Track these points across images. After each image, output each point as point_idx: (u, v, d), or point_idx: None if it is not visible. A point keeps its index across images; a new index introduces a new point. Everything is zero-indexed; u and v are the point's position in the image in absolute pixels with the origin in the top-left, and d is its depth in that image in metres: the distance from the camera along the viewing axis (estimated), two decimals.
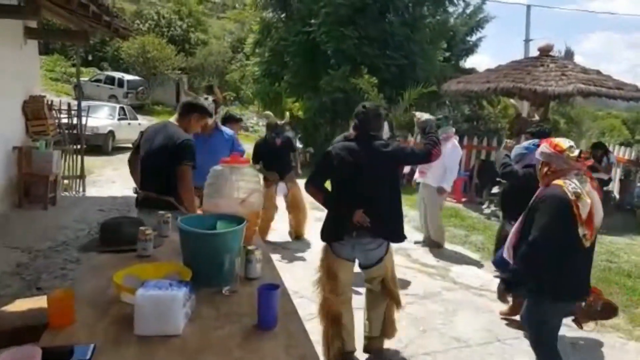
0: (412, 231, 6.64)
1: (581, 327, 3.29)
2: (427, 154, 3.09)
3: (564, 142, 2.61)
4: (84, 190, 7.85)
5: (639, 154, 9.07)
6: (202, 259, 1.96)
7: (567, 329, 3.91)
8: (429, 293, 4.66)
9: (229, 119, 5.21)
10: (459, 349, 3.58)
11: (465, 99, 13.50)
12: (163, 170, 3.07)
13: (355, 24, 12.33)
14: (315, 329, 3.69)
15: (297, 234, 6.11)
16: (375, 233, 3.05)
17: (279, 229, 6.09)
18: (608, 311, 3.36)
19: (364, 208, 2.97)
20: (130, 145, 4.74)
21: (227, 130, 4.48)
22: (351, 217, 2.97)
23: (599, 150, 8.12)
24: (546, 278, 2.54)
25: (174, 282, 1.67)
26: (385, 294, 3.29)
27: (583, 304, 3.13)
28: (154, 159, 3.13)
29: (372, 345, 3.39)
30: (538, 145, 2.86)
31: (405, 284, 4.82)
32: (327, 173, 3.20)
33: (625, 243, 6.59)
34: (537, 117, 7.76)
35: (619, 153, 9.40)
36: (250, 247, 2.12)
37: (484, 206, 8.30)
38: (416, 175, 6.14)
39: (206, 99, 4.84)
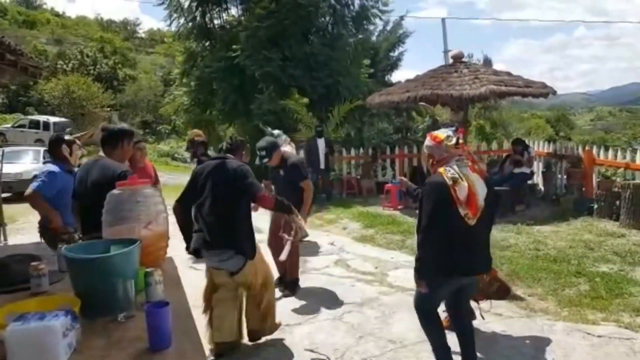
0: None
1: (477, 304, 3.54)
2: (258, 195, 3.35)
3: (441, 133, 2.83)
4: (5, 239, 7.34)
5: (556, 147, 9.60)
6: (92, 287, 1.86)
7: (495, 317, 4.03)
8: (366, 299, 4.66)
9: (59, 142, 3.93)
10: (394, 351, 3.57)
11: (393, 111, 13.88)
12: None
13: (278, 45, 12.45)
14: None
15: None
16: (212, 246, 3.26)
17: None
18: (502, 292, 3.76)
19: (207, 219, 3.23)
20: None
21: None
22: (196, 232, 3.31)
23: (519, 146, 8.56)
24: (440, 257, 2.69)
25: (52, 313, 1.56)
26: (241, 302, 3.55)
27: (480, 284, 3.33)
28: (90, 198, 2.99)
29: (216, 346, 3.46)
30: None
31: (344, 293, 4.81)
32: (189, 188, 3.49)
33: (552, 231, 6.89)
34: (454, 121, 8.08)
35: (540, 147, 9.94)
36: (148, 270, 2.03)
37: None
38: None
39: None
